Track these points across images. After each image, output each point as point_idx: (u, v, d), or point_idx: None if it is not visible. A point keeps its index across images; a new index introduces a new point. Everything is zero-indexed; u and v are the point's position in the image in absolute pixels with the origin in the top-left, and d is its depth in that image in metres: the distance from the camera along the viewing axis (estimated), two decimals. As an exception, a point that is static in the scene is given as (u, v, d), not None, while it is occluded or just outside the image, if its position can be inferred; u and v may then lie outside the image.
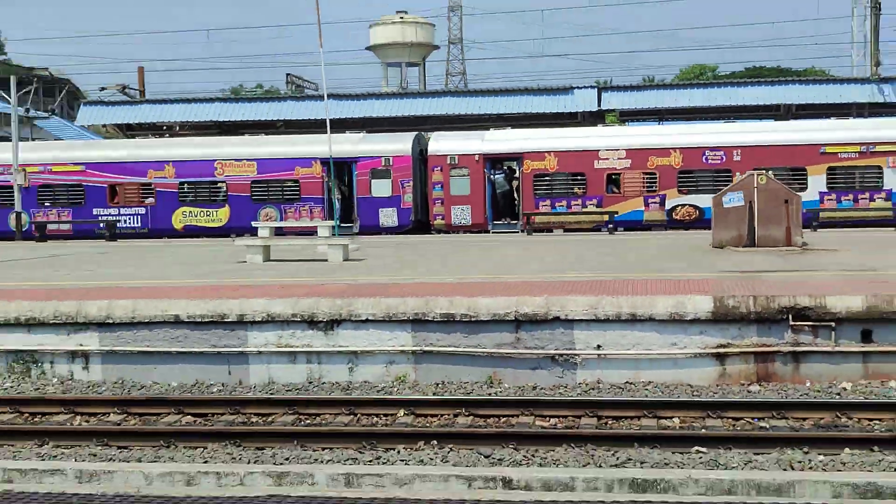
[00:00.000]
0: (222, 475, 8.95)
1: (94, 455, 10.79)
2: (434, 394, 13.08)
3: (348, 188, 36.35)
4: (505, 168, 35.50)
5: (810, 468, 9.60)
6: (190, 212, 35.86)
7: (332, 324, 14.14)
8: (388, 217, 34.95)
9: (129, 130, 46.70)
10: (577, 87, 44.44)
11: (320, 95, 40.69)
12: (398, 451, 10.57)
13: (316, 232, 28.02)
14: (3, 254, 27.47)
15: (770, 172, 26.21)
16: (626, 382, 13.39)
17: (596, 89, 44.35)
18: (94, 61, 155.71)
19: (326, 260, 22.24)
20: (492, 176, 35.02)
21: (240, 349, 14.32)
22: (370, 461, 10.23)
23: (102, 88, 55.02)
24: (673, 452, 10.29)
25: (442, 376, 13.83)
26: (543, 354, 13.70)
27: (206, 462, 10.28)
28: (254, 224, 30.34)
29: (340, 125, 39.03)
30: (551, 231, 33.67)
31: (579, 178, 34.06)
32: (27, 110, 43.57)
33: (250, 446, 10.91)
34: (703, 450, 10.31)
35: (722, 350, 13.40)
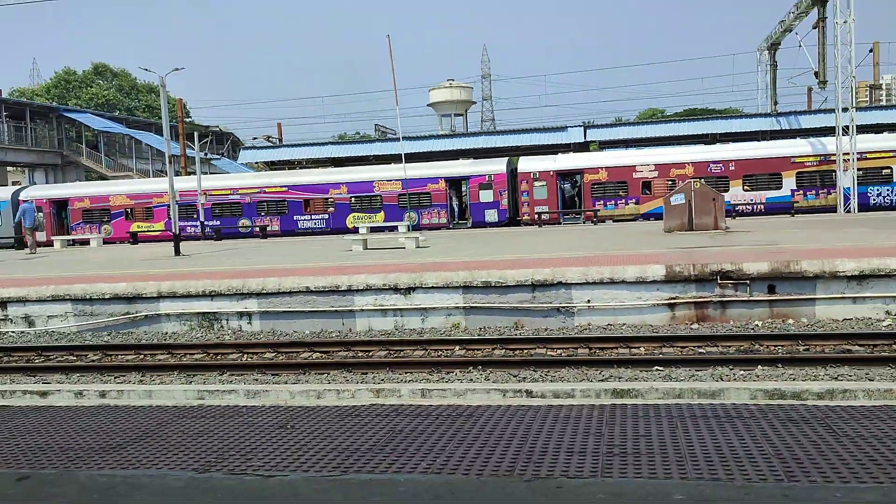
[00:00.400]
0: (340, 391, 9.05)
1: (256, 380, 10.98)
2: (478, 335, 13.11)
3: (460, 197, 36.37)
4: (570, 179, 35.08)
5: (734, 379, 9.50)
6: (357, 216, 35.74)
7: (409, 290, 14.20)
8: (490, 215, 34.80)
9: (272, 166, 47.08)
10: (570, 126, 43.91)
11: (397, 138, 40.72)
12: (456, 373, 10.63)
13: (407, 228, 28.39)
14: (191, 248, 27.86)
15: (702, 180, 25.88)
16: (608, 325, 13.31)
17: (583, 127, 43.78)
18: (249, 119, 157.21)
19: (404, 248, 22.30)
20: (562, 185, 34.84)
21: (349, 308, 14.44)
22: (437, 380, 10.30)
23: (254, 138, 55.72)
24: (640, 370, 10.26)
25: (483, 323, 13.84)
26: (551, 307, 13.66)
27: (329, 383, 10.40)
28: (355, 224, 30.59)
29: (411, 157, 39.08)
30: (605, 221, 33.36)
31: (622, 184, 33.87)
32: (206, 154, 44.29)
33: (358, 372, 11.04)
34: (661, 368, 10.26)
35: (672, 301, 13.29)
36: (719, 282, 13.15)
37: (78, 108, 61.51)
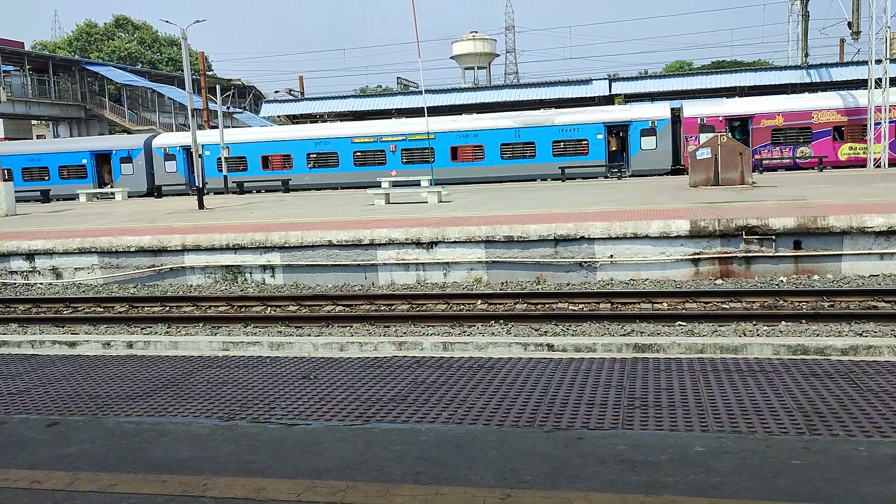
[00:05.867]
0: (363, 344, 9.11)
1: (280, 332, 11.08)
2: (500, 289, 13.13)
3: None
4: None
5: (757, 335, 9.46)
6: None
7: (432, 244, 14.21)
8: None
9: (294, 120, 46.84)
10: (595, 79, 43.25)
11: (420, 91, 40.37)
12: (477, 327, 10.68)
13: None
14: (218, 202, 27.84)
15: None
16: (631, 280, 13.27)
17: (608, 80, 43.11)
18: (271, 73, 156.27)
19: (427, 202, 22.22)
20: None
21: (371, 262, 14.50)
22: (459, 334, 10.36)
23: (276, 91, 55.51)
24: (663, 325, 10.24)
25: (505, 277, 13.85)
26: (574, 262, 13.63)
27: (352, 336, 10.48)
28: (380, 179, 29.98)
29: (433, 111, 38.73)
30: None
31: None
32: (228, 108, 44.23)
33: (380, 325, 11.11)
34: (684, 323, 10.23)
35: (696, 256, 13.20)
36: (744, 237, 13.02)
37: (100, 62, 61.45)
